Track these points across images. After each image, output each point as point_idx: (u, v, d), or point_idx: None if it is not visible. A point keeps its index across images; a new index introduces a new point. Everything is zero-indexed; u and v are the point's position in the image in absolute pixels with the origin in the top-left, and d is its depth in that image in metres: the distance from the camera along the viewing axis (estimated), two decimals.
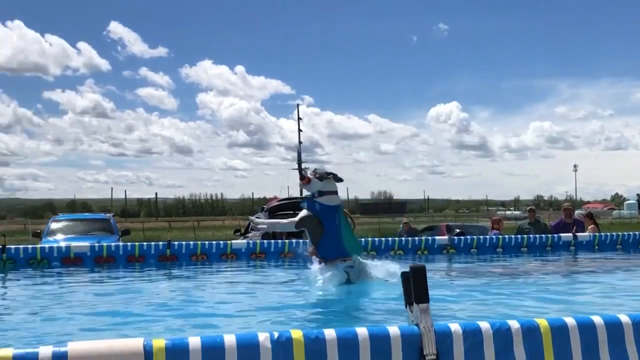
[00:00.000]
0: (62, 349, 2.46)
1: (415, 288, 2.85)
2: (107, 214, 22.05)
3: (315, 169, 8.48)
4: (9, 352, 2.44)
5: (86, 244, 11.44)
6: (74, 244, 11.62)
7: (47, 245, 11.38)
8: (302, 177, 8.32)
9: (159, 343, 2.55)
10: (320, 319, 5.97)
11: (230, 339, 2.63)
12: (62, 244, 11.86)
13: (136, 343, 2.52)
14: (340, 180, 8.30)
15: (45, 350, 2.45)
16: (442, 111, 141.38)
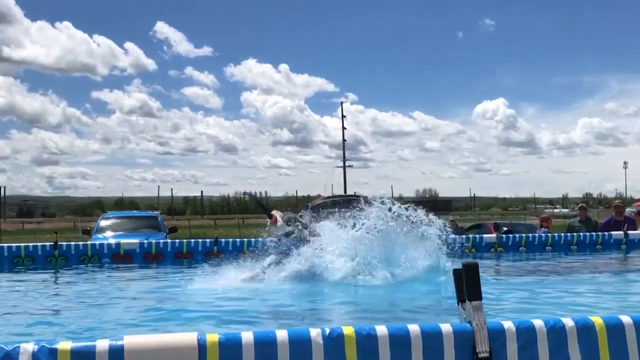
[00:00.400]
0: (119, 343, 2.50)
1: (467, 285, 2.82)
2: (155, 212, 22.36)
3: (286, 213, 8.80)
4: (68, 345, 2.49)
5: (135, 240, 11.62)
6: (123, 240, 11.81)
7: (97, 242, 11.60)
8: (270, 216, 8.64)
9: (213, 338, 2.58)
10: (367, 316, 5.97)
11: (282, 334, 2.64)
12: (112, 241, 12.08)
13: (190, 337, 2.55)
14: (305, 226, 8.52)
15: (102, 344, 2.50)
16: (489, 107, 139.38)
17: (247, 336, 2.61)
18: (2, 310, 6.46)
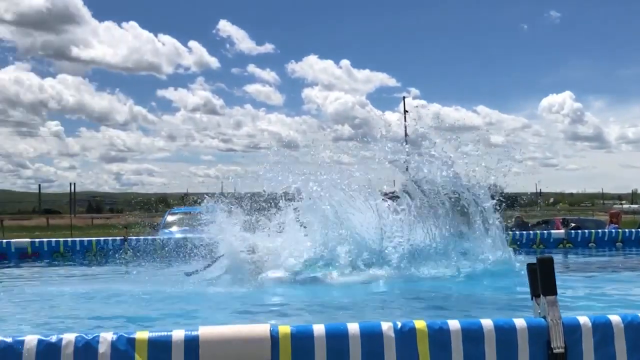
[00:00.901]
0: (194, 333, 2.55)
1: (542, 280, 2.77)
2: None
3: None
4: (145, 335, 2.55)
5: (203, 235, 11.79)
6: (191, 235, 12.00)
7: (165, 237, 11.85)
8: None
9: (285, 329, 2.60)
10: (437, 310, 5.93)
11: (353, 327, 2.64)
12: (179, 235, 12.30)
13: (263, 329, 2.58)
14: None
15: (178, 334, 2.55)
16: (555, 101, 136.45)
17: (318, 328, 2.62)
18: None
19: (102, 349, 2.50)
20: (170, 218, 19.56)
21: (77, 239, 11.41)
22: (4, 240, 11.12)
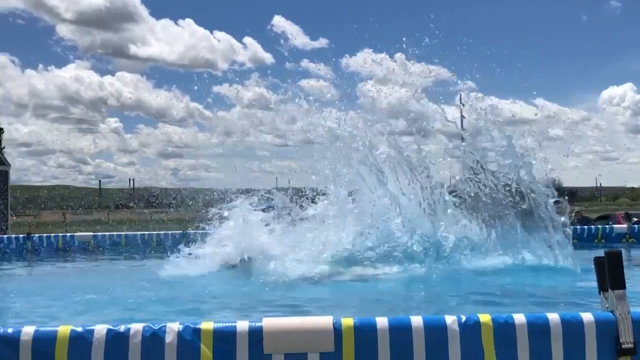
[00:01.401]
0: (258, 324, 2.58)
1: (610, 274, 2.71)
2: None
3: None
4: (210, 325, 2.58)
5: None
6: None
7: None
8: None
9: (348, 322, 2.60)
10: (500, 304, 5.86)
11: (417, 320, 2.62)
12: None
13: (326, 321, 2.59)
14: None
15: (243, 325, 2.58)
16: (615, 93, 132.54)
17: (381, 321, 2.61)
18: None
19: (169, 338, 2.54)
20: (226, 213, 19.81)
21: (138, 232, 11.63)
22: (68, 234, 11.43)
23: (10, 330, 2.53)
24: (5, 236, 11.78)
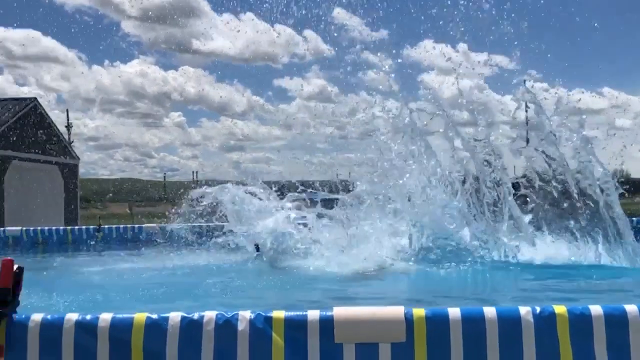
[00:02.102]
0: (329, 313, 2.58)
1: None
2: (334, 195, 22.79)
3: None
4: (282, 314, 2.60)
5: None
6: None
7: None
8: None
9: (419, 312, 2.58)
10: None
11: (490, 311, 2.59)
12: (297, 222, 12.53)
13: (398, 311, 2.58)
14: None
15: (313, 314, 2.59)
16: None
17: (454, 312, 2.59)
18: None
19: (241, 326, 2.57)
20: (288, 205, 19.98)
21: (204, 223, 11.79)
22: (136, 225, 11.69)
23: (88, 317, 2.61)
24: (77, 227, 12.14)
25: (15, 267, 2.62)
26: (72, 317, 2.60)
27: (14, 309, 2.64)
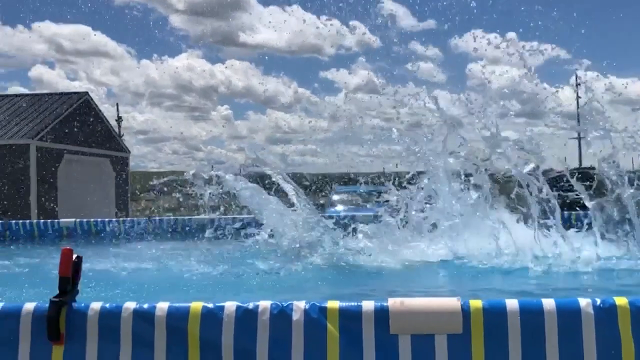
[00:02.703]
0: (384, 304, 2.57)
1: None
2: (384, 187, 22.75)
3: None
4: (336, 304, 2.60)
5: (370, 214, 11.94)
6: (358, 213, 12.19)
7: (334, 215, 12.09)
8: None
9: (476, 303, 2.55)
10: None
11: (549, 303, 2.54)
12: (342, 214, 12.54)
13: (454, 302, 2.55)
14: None
15: (368, 305, 2.58)
16: None
17: (511, 304, 2.54)
18: None
19: (296, 316, 2.58)
20: (335, 197, 20.03)
21: (251, 216, 11.87)
22: (187, 217, 11.83)
23: (145, 306, 2.64)
24: (128, 219, 12.35)
25: (74, 256, 2.67)
26: (130, 305, 2.64)
27: (73, 298, 2.69)
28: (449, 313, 2.52)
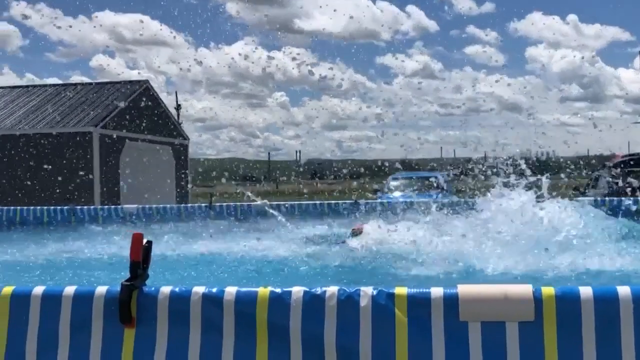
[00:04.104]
0: (453, 291, 2.53)
1: None
2: (441, 173, 22.59)
3: None
4: (404, 290, 2.57)
5: (428, 200, 11.84)
6: (417, 199, 12.09)
7: (392, 201, 12.04)
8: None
9: (549, 291, 2.49)
10: None
11: (624, 290, 2.46)
12: (400, 200, 12.46)
13: (526, 289, 2.49)
14: None
15: (437, 291, 2.54)
16: None
17: (585, 291, 2.48)
18: None
19: (363, 302, 2.56)
20: (393, 183, 19.96)
21: (310, 202, 11.93)
22: (245, 203, 11.95)
23: (214, 290, 2.66)
24: (189, 205, 12.54)
25: (144, 240, 2.71)
26: (199, 289, 2.66)
27: (144, 282, 2.73)
28: (521, 300, 2.47)
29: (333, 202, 11.62)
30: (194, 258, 7.37)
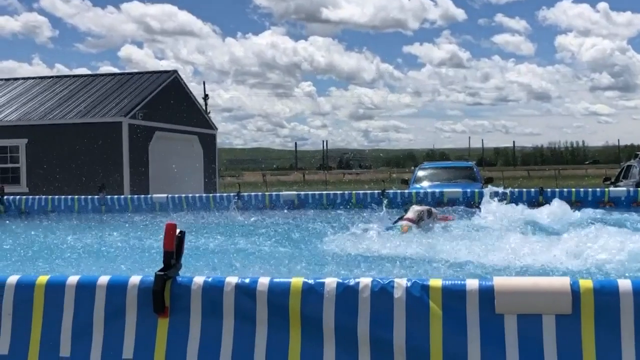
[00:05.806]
0: (489, 283, 2.50)
1: None
2: (470, 162, 22.40)
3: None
4: (439, 282, 2.54)
5: (459, 190, 11.76)
6: (447, 190, 12.01)
7: (421, 192, 11.97)
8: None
9: (587, 284, 2.44)
10: None
11: (624, 284, 2.42)
12: (429, 190, 12.39)
13: (563, 282, 2.45)
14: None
15: (472, 283, 2.51)
16: None
17: (624, 284, 2.42)
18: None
19: (397, 294, 2.54)
20: (421, 173, 19.83)
21: (338, 192, 11.88)
22: (274, 193, 11.96)
23: (247, 281, 2.66)
24: (218, 194, 12.57)
25: (177, 231, 2.71)
26: (232, 280, 2.66)
27: (177, 272, 2.74)
28: (558, 293, 2.43)
29: (361, 192, 11.56)
30: (228, 250, 7.35)
